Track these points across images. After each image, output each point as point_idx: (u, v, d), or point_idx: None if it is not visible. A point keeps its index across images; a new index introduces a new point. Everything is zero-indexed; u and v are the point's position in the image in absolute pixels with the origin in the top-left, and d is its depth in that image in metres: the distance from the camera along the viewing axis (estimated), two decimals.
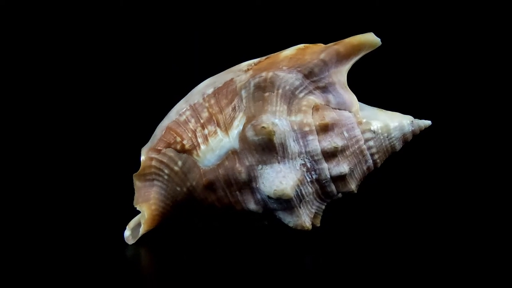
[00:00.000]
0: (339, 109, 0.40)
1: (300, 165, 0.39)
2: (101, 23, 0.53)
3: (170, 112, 0.42)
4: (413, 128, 0.42)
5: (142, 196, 0.41)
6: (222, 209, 0.40)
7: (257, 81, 0.39)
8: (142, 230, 0.40)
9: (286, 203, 0.39)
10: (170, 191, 0.40)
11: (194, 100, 0.41)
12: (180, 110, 0.41)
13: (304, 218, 0.40)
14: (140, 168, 0.40)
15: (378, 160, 0.41)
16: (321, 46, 0.41)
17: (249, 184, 0.39)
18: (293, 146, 0.38)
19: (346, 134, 0.40)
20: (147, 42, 0.53)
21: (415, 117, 0.42)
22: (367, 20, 0.57)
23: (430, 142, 0.52)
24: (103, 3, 0.52)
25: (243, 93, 0.39)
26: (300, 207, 0.39)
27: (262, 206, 0.40)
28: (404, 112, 0.42)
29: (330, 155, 0.39)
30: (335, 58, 0.40)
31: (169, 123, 0.41)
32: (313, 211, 0.40)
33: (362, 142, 0.40)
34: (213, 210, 0.41)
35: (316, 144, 0.39)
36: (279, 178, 0.38)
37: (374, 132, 0.41)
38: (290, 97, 0.39)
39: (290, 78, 0.39)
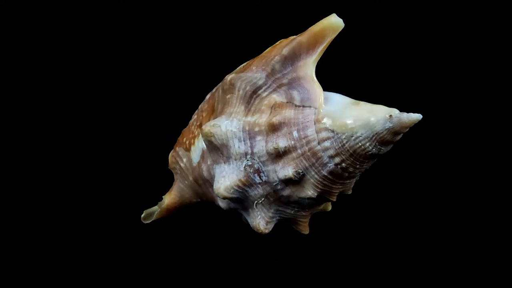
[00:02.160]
0: (303, 106, 0.37)
1: (245, 166, 0.37)
2: (102, 23, 0.53)
3: None
4: (391, 125, 0.35)
5: (172, 186, 0.45)
6: (210, 204, 0.43)
7: (222, 84, 0.40)
8: (157, 214, 0.44)
9: (240, 203, 0.39)
10: (182, 184, 0.44)
11: (201, 104, 0.43)
12: (194, 114, 0.44)
13: (259, 220, 0.38)
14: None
15: (344, 165, 0.36)
16: (289, 39, 0.39)
17: (211, 182, 0.40)
18: (238, 147, 0.37)
19: (295, 134, 0.36)
20: (147, 42, 0.54)
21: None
22: (368, 19, 0.57)
23: (439, 140, 0.51)
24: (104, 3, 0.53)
25: (216, 96, 0.41)
26: (254, 209, 0.38)
27: (227, 204, 0.40)
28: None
29: (275, 156, 0.37)
30: (299, 50, 0.37)
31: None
32: (270, 214, 0.38)
33: (315, 142, 0.36)
34: (207, 204, 0.43)
35: (263, 145, 0.37)
36: (219, 178, 0.38)
37: (332, 131, 0.36)
38: (250, 97, 0.38)
39: (253, 78, 0.38)
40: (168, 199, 0.44)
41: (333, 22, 0.37)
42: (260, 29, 0.47)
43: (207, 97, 0.43)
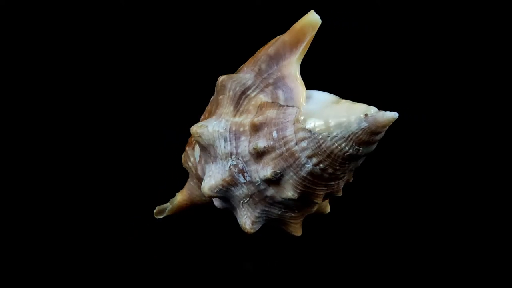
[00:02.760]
0: (287, 106, 0.36)
1: (230, 166, 0.37)
2: (102, 23, 0.54)
3: None
4: (367, 125, 0.34)
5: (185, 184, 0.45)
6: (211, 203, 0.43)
7: (216, 85, 0.40)
8: (168, 210, 0.44)
9: (228, 203, 0.39)
10: (192, 182, 0.44)
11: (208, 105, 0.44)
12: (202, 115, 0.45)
13: (245, 220, 0.38)
14: None
15: (322, 166, 0.35)
16: (275, 38, 0.39)
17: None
18: (224, 147, 0.38)
19: (275, 134, 0.36)
20: (148, 42, 0.54)
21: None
22: (368, 19, 0.57)
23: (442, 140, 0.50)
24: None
25: (212, 98, 0.41)
26: (241, 208, 0.38)
27: (220, 203, 0.40)
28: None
29: (256, 157, 0.36)
30: (283, 49, 0.37)
31: None
32: (256, 214, 0.38)
33: (293, 143, 0.35)
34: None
35: (246, 145, 0.37)
36: (206, 177, 0.39)
37: (309, 131, 0.35)
38: (239, 98, 0.38)
39: (243, 79, 0.39)
40: (180, 196, 0.45)
41: (311, 19, 0.37)
42: (262, 29, 0.47)
43: (212, 97, 0.43)
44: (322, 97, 0.36)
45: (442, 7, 0.53)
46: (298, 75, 0.37)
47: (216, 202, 0.41)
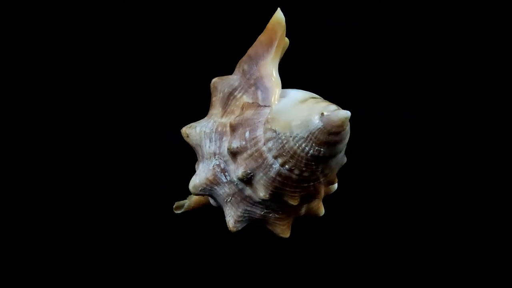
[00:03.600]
0: (264, 106, 0.37)
1: (214, 165, 0.38)
2: (101, 23, 0.54)
3: None
4: (322, 124, 0.33)
5: None
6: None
7: (210, 87, 0.41)
8: (185, 207, 0.44)
9: (216, 201, 0.40)
10: None
11: None
12: None
13: (229, 218, 0.39)
14: None
15: (287, 166, 0.35)
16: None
17: None
18: (209, 147, 0.38)
19: (247, 135, 0.36)
20: (148, 42, 0.54)
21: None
22: (368, 19, 0.56)
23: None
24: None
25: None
26: (226, 207, 0.39)
27: (213, 202, 0.41)
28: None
29: (233, 156, 0.37)
30: (260, 49, 0.37)
31: None
32: (239, 213, 0.39)
33: (261, 143, 0.35)
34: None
35: (225, 145, 0.38)
36: (193, 176, 0.39)
37: (275, 131, 0.35)
38: (227, 99, 0.39)
39: (231, 80, 0.39)
40: None
41: (278, 17, 0.37)
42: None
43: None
44: (294, 96, 0.36)
45: (442, 7, 0.53)
46: (275, 74, 0.37)
47: (211, 200, 0.42)
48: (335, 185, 0.39)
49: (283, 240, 0.40)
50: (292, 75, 0.46)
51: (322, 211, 0.40)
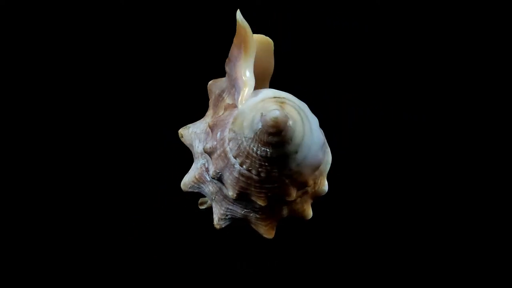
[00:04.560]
0: (235, 106, 0.37)
1: (201, 164, 0.39)
2: (101, 23, 0.54)
3: None
4: (260, 125, 0.34)
5: None
6: None
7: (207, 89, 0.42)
8: (208, 204, 0.44)
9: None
10: None
11: None
12: None
13: (214, 215, 0.40)
14: None
15: (245, 166, 0.35)
16: None
17: None
18: (197, 147, 0.40)
19: (218, 135, 0.37)
20: (148, 42, 0.54)
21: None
22: (368, 19, 0.56)
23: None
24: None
25: None
26: (212, 204, 0.40)
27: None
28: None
29: (209, 156, 0.37)
30: (235, 50, 0.38)
31: None
32: (222, 211, 0.39)
33: (226, 143, 0.36)
34: None
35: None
36: (186, 174, 0.40)
37: (234, 131, 0.35)
38: (217, 101, 0.40)
39: (222, 82, 0.40)
40: None
41: (238, 19, 0.37)
42: (264, 30, 0.46)
43: None
44: (261, 95, 0.36)
45: (442, 7, 0.53)
46: (248, 74, 0.37)
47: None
48: (325, 188, 0.38)
49: (276, 241, 0.40)
50: (292, 75, 0.46)
51: (309, 213, 0.39)
